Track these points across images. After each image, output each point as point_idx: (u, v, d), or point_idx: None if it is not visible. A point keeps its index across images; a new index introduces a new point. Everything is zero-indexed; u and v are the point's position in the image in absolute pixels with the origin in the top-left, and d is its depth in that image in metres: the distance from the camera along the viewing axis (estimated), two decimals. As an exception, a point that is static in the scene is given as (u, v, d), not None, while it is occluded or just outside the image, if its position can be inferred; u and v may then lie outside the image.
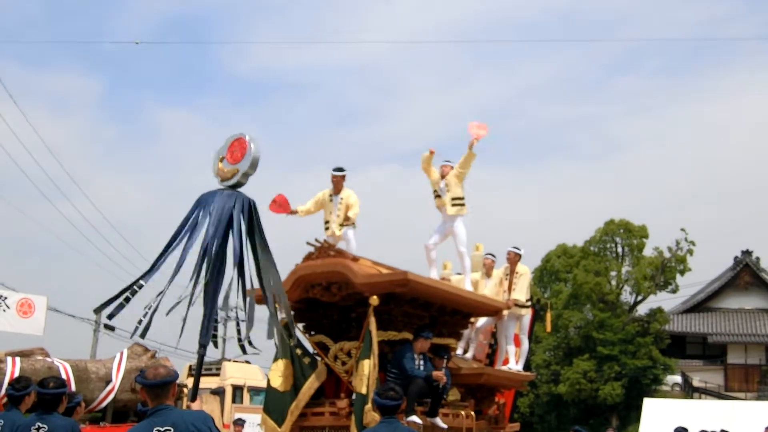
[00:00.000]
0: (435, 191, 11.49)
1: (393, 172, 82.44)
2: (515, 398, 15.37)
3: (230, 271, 7.15)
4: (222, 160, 7.38)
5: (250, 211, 7.18)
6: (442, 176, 11.39)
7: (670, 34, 72.44)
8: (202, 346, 6.95)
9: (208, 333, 7.00)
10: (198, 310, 7.06)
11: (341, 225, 11.01)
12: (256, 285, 7.26)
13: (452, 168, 11.37)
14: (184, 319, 7.12)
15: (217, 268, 7.08)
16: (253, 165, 7.15)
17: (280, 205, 11.17)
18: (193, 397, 6.68)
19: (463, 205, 11.36)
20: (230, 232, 7.08)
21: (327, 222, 11.23)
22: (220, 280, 7.06)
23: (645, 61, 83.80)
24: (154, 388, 5.08)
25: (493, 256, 12.39)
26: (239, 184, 7.17)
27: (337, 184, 11.14)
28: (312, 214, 11.33)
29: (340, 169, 11.18)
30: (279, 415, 9.70)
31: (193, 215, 7.12)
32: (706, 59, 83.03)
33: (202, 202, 7.16)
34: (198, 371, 7.26)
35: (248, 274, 7.15)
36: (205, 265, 7.02)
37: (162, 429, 4.92)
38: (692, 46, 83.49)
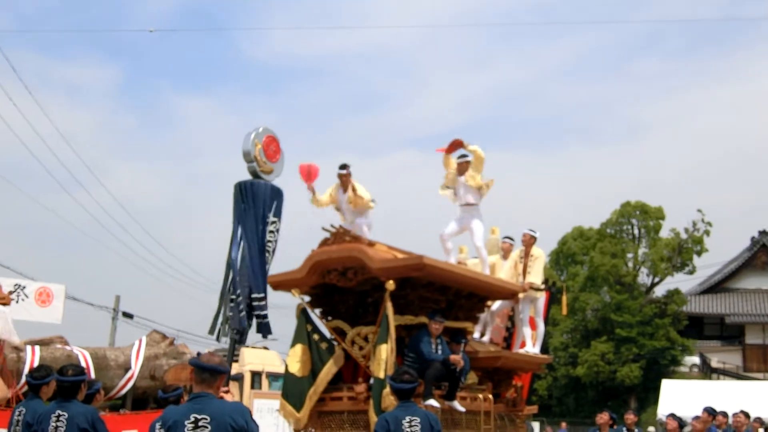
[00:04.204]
0: (448, 186, 11.40)
1: (411, 158, 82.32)
2: (532, 381, 15.38)
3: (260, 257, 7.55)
4: (259, 149, 7.82)
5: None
6: (461, 173, 11.30)
7: (689, 14, 71.93)
8: (239, 332, 7.13)
9: (242, 318, 7.20)
10: (211, 298, 7.20)
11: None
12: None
13: (469, 164, 11.28)
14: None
15: (256, 253, 7.45)
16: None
17: (310, 173, 11.08)
18: (227, 382, 6.82)
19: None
20: (266, 221, 7.56)
21: (338, 209, 11.34)
22: (255, 266, 7.40)
23: (664, 43, 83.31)
24: (202, 372, 5.12)
25: (511, 239, 12.37)
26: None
27: (344, 181, 11.13)
28: (323, 207, 11.30)
29: (344, 167, 11.14)
30: (297, 401, 9.73)
31: (241, 207, 7.67)
32: (726, 40, 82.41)
33: (246, 193, 7.77)
34: (230, 357, 7.37)
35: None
36: (247, 252, 7.38)
37: (199, 417, 4.97)
38: (711, 27, 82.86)
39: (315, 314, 10.26)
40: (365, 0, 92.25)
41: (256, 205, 8.15)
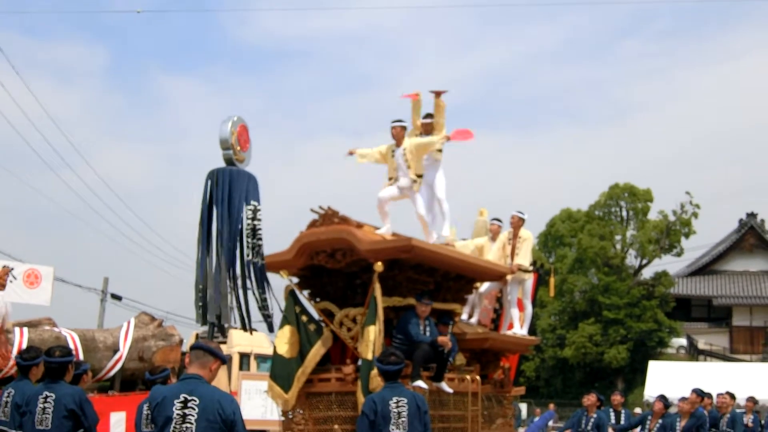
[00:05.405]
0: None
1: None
2: (520, 362, 15.45)
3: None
4: (234, 137, 8.05)
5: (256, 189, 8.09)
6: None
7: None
8: (218, 317, 7.28)
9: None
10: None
11: (415, 174, 10.23)
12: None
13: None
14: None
15: (233, 241, 7.64)
16: None
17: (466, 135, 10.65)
18: None
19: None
20: (243, 207, 7.74)
21: (391, 178, 10.41)
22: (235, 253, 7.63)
23: (650, 24, 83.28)
24: (196, 350, 5.21)
25: (499, 221, 12.36)
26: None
27: (398, 136, 10.34)
28: (369, 162, 10.58)
29: (400, 120, 10.41)
30: (285, 382, 9.74)
31: (215, 195, 7.78)
32: (711, 21, 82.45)
33: (221, 181, 7.85)
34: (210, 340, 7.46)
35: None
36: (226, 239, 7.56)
37: (189, 397, 5.00)
38: (698, 7, 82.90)
39: (303, 296, 10.27)
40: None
41: (236, 191, 8.29)
